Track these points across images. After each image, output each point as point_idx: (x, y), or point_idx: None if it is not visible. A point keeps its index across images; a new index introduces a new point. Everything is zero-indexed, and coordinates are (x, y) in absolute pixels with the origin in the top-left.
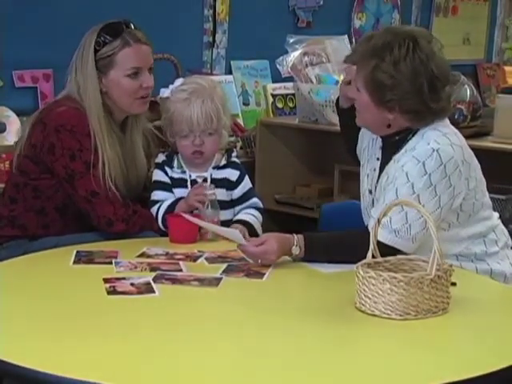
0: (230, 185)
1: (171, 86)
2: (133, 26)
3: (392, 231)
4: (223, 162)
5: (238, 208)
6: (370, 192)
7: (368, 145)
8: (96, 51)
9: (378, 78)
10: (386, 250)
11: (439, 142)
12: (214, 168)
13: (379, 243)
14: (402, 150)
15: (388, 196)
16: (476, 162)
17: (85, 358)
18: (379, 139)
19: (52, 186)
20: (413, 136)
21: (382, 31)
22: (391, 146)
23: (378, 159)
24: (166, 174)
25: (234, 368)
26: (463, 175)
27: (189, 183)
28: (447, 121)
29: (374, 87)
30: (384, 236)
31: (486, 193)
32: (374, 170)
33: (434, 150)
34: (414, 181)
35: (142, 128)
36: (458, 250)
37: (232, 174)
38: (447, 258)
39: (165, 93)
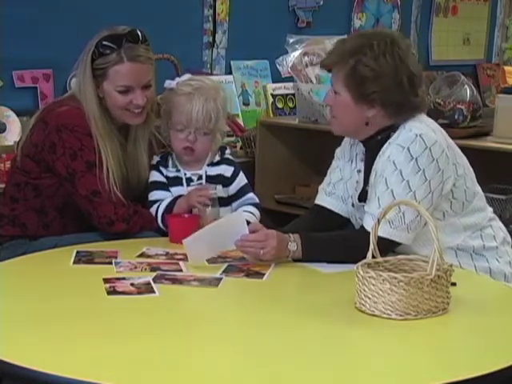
0: (225, 181)
1: (178, 79)
2: (140, 37)
3: (386, 222)
4: (217, 158)
5: (234, 204)
6: (353, 205)
7: (349, 149)
8: (93, 60)
9: (360, 72)
10: (383, 243)
11: (421, 128)
12: (208, 165)
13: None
14: (386, 144)
15: (379, 188)
16: (460, 152)
17: (85, 358)
18: (360, 144)
19: (53, 185)
20: (394, 132)
21: (354, 36)
22: (374, 146)
23: (362, 160)
24: (162, 173)
25: (233, 368)
26: (450, 160)
27: (184, 181)
28: (425, 115)
29: (355, 82)
30: (379, 228)
31: (477, 183)
32: (359, 171)
33: (417, 135)
34: (402, 167)
35: (149, 130)
36: (455, 242)
37: (226, 170)
38: (446, 253)
39: (171, 84)
